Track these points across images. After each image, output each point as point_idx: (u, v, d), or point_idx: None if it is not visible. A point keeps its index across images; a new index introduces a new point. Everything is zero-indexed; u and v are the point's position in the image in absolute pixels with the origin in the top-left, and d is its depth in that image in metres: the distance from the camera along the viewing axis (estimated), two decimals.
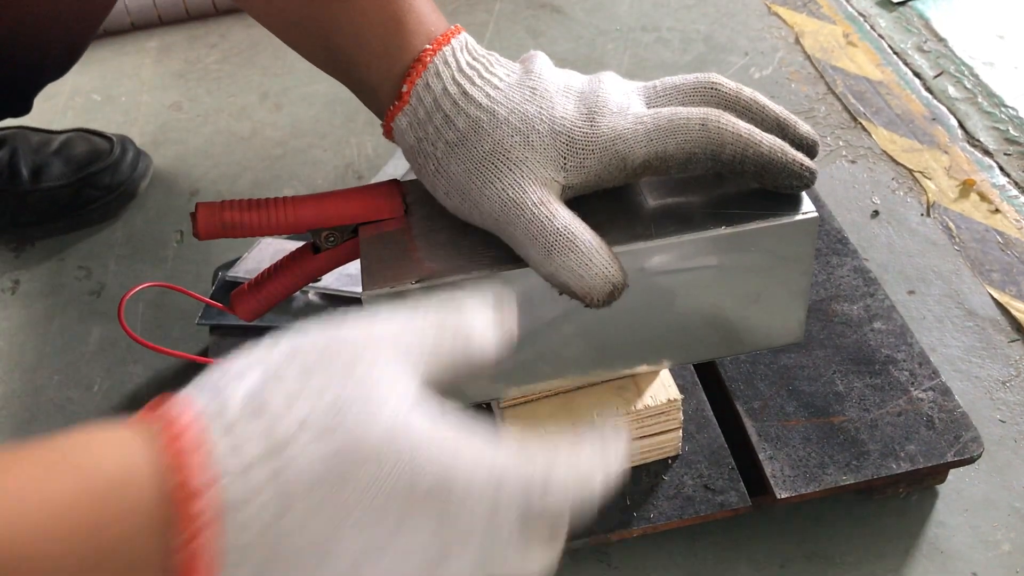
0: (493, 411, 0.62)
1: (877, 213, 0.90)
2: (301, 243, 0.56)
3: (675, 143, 0.48)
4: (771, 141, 0.49)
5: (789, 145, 0.50)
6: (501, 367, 0.44)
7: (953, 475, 0.66)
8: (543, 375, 0.56)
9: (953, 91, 1.03)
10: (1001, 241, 0.85)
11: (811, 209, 0.50)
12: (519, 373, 0.55)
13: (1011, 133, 0.96)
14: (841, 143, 0.98)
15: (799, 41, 1.14)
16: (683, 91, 0.51)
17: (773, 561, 0.64)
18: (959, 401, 0.66)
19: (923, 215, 0.89)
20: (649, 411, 0.60)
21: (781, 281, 0.53)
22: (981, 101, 1.01)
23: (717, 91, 0.51)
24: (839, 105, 1.03)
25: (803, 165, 0.49)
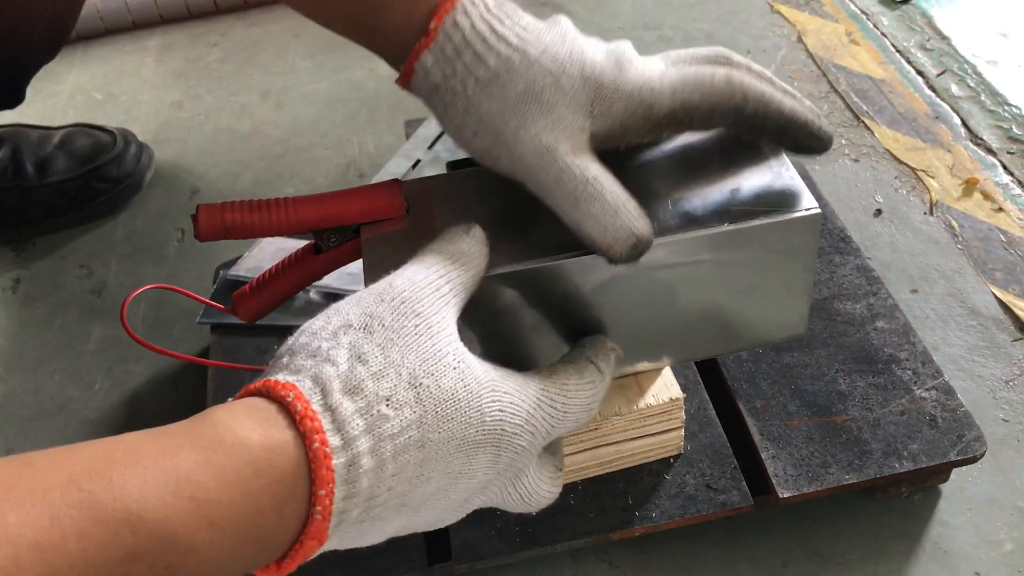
0: None
1: (880, 212, 0.89)
2: (302, 241, 0.56)
3: (700, 94, 0.49)
4: (792, 100, 0.51)
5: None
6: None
7: (956, 474, 0.66)
8: None
9: (956, 89, 1.02)
10: (1004, 240, 0.85)
11: (814, 205, 0.50)
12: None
13: (1014, 131, 0.96)
14: (844, 142, 0.98)
15: (801, 39, 1.14)
16: (698, 59, 0.52)
17: (775, 560, 0.64)
18: (962, 400, 0.65)
19: (926, 214, 0.89)
20: (651, 410, 0.60)
21: (784, 277, 0.53)
22: (984, 99, 1.00)
23: (730, 61, 0.52)
24: (842, 103, 1.03)
25: (822, 127, 0.51)
